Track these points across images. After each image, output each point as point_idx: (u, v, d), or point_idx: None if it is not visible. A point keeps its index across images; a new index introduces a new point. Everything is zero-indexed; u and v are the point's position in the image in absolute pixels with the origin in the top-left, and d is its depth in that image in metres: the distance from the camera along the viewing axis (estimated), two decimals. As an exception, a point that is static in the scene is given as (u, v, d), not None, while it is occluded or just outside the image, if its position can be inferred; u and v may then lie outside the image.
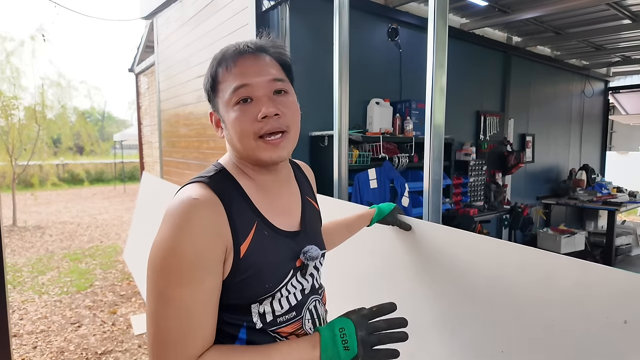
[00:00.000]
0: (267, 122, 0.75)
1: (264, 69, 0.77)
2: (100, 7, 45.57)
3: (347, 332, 0.73)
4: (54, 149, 9.60)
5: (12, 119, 7.99)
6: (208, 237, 0.69)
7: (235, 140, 0.78)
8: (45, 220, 8.44)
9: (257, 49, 0.78)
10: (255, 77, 0.75)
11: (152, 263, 0.69)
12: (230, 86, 0.76)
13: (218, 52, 0.80)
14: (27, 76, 10.79)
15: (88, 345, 3.15)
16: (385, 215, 1.35)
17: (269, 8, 2.61)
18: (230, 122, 0.77)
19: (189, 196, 0.71)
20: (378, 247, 1.55)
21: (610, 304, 0.89)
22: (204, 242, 0.69)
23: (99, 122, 25.21)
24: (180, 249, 0.67)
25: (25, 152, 8.39)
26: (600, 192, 5.28)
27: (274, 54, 0.80)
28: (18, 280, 4.71)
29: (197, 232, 0.68)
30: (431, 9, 1.55)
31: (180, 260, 0.67)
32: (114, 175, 15.70)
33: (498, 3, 3.51)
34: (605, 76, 6.30)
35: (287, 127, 0.77)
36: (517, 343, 1.08)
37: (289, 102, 0.78)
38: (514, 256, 1.08)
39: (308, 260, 0.82)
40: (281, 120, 0.76)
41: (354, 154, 2.77)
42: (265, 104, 0.75)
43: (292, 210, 0.87)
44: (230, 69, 0.76)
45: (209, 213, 0.70)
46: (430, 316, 1.36)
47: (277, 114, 0.75)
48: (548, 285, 1.00)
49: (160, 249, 0.69)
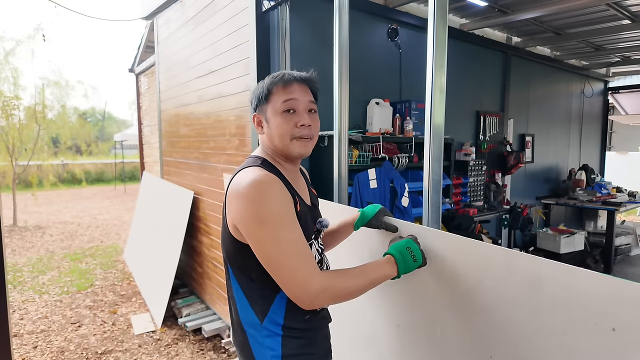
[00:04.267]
0: (302, 130, 1.08)
1: (306, 94, 1.11)
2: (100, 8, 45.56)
3: (413, 249, 1.15)
4: (54, 149, 9.60)
5: (13, 119, 7.99)
6: (286, 197, 1.01)
7: (276, 137, 1.08)
8: (45, 220, 8.45)
9: (304, 80, 1.11)
10: (300, 97, 1.08)
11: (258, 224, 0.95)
12: (281, 98, 1.07)
13: (276, 74, 1.11)
14: (26, 76, 10.80)
15: (88, 345, 3.16)
16: (369, 219, 1.36)
17: (269, 8, 2.62)
18: (275, 124, 1.08)
19: (259, 175, 0.99)
20: (367, 250, 1.55)
21: (598, 311, 0.87)
22: (286, 201, 1.00)
23: (99, 122, 25.23)
24: (276, 207, 0.97)
25: (25, 152, 8.40)
26: (600, 192, 5.28)
27: (312, 86, 1.13)
28: (18, 280, 4.72)
29: (280, 195, 0.99)
30: (431, 10, 1.55)
31: (281, 214, 0.97)
32: (115, 175, 15.71)
33: (498, 3, 3.52)
34: (605, 76, 6.30)
35: (312, 136, 1.12)
36: (505, 348, 1.08)
37: (316, 119, 1.13)
38: (502, 260, 1.07)
39: (322, 227, 1.18)
40: (310, 130, 1.10)
41: (353, 154, 2.78)
42: (303, 117, 1.08)
43: (304, 192, 1.19)
44: (285, 87, 1.08)
45: (279, 183, 1.01)
46: (418, 320, 1.36)
47: (310, 125, 1.09)
48: (536, 290, 0.99)
49: (260, 213, 0.95)
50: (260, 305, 1.07)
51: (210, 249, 3.62)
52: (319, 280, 0.95)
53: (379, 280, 1.07)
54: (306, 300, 0.96)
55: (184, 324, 3.36)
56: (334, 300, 1.01)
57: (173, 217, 3.99)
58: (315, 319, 1.14)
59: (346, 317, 1.71)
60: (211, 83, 3.39)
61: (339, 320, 1.74)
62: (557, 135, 5.56)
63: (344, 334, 1.72)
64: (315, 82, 1.14)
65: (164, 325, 3.44)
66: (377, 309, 1.55)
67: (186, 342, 3.20)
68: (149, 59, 5.77)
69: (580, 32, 4.25)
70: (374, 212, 1.36)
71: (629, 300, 0.83)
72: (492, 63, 4.43)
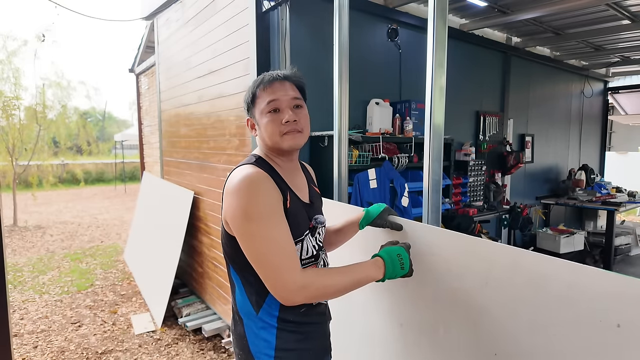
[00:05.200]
0: (288, 126, 1.11)
1: (289, 91, 1.13)
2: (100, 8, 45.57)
3: (403, 257, 1.15)
4: (54, 149, 9.60)
5: (13, 119, 8.00)
6: (274, 194, 1.04)
7: (266, 137, 1.13)
8: (45, 220, 8.45)
9: (284, 77, 1.14)
10: (282, 96, 1.11)
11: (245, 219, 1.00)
12: (265, 100, 1.11)
13: (258, 77, 1.15)
14: (27, 76, 10.79)
15: (88, 344, 3.16)
16: (374, 218, 1.38)
17: (269, 9, 2.62)
18: (263, 125, 1.12)
19: (250, 172, 1.04)
20: (371, 248, 1.55)
21: (603, 307, 0.88)
22: (273, 198, 1.04)
23: (100, 122, 25.24)
24: (263, 204, 1.01)
25: (25, 152, 8.40)
26: (600, 192, 5.29)
27: (294, 81, 1.16)
28: (19, 280, 4.72)
29: (268, 192, 1.03)
30: (431, 10, 1.56)
31: (267, 210, 1.01)
32: (115, 175, 15.72)
33: (497, 3, 3.52)
34: (605, 76, 6.31)
35: (301, 129, 1.14)
36: (509, 346, 1.08)
37: (302, 113, 1.15)
38: (506, 258, 1.07)
39: (318, 224, 1.21)
40: (298, 124, 1.12)
41: (353, 154, 2.78)
42: (287, 114, 1.11)
43: (303, 189, 1.22)
44: (266, 89, 1.12)
45: (268, 180, 1.05)
46: (422, 318, 1.36)
47: (295, 120, 1.11)
48: (541, 288, 0.99)
49: (246, 209, 1.00)
50: (256, 296, 1.11)
51: (210, 249, 3.62)
52: (300, 278, 0.99)
53: (363, 281, 1.09)
54: (285, 296, 1.00)
55: (184, 323, 3.37)
56: (315, 298, 1.05)
57: (173, 217, 3.99)
58: (311, 314, 1.17)
59: (348, 317, 1.71)
60: (211, 83, 3.40)
61: (342, 320, 1.75)
62: (557, 135, 5.56)
63: (346, 333, 1.73)
64: (298, 77, 1.17)
65: (164, 325, 3.45)
66: (379, 309, 1.56)
67: (186, 341, 3.21)
68: (149, 59, 5.78)
69: (580, 32, 4.25)
70: (378, 211, 1.38)
71: (634, 297, 0.83)
72: (491, 63, 4.43)
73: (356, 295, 1.65)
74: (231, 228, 1.05)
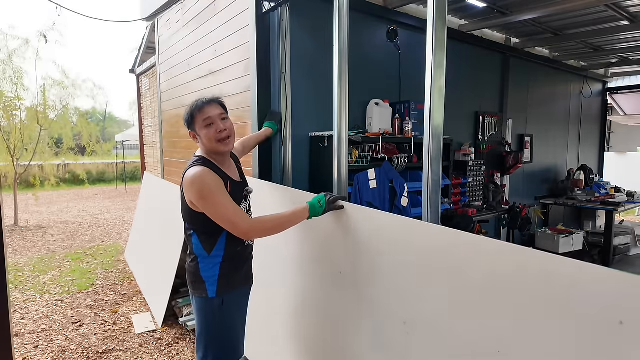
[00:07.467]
0: (221, 134, 1.67)
1: (216, 109, 1.70)
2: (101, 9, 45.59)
3: (322, 201, 1.73)
4: (55, 149, 9.60)
5: (14, 119, 8.00)
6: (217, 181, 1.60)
7: (207, 143, 1.68)
8: (46, 220, 8.46)
9: (212, 100, 1.71)
10: (212, 113, 1.68)
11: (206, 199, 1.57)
12: (202, 118, 1.67)
13: (194, 101, 1.71)
14: (29, 76, 10.76)
15: (89, 344, 3.18)
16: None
17: (269, 9, 2.64)
18: (203, 135, 1.67)
19: (199, 170, 1.59)
20: (374, 246, 1.57)
21: (606, 305, 0.88)
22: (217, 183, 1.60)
23: (101, 122, 25.25)
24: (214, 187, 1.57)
25: (26, 152, 8.41)
26: (599, 192, 5.30)
27: (218, 102, 1.73)
28: (20, 279, 4.74)
29: (213, 180, 1.59)
30: (430, 11, 1.57)
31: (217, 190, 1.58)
32: (116, 176, 15.73)
33: (497, 4, 3.53)
34: (604, 77, 6.32)
35: (230, 134, 1.70)
36: (513, 343, 1.09)
37: (228, 122, 1.72)
38: (510, 256, 1.08)
39: (248, 193, 1.83)
40: (227, 132, 1.69)
41: (353, 154, 2.79)
42: (219, 125, 1.67)
43: (234, 173, 1.82)
44: (200, 110, 1.68)
45: (211, 173, 1.61)
46: (426, 315, 1.38)
47: (225, 129, 1.68)
48: (544, 285, 1.00)
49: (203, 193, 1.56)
50: (209, 244, 1.70)
51: (210, 249, 3.63)
52: (248, 222, 1.60)
53: (294, 220, 1.68)
54: (242, 233, 1.60)
55: (185, 323, 3.38)
56: (263, 232, 1.66)
57: (173, 216, 4.00)
58: (244, 253, 1.81)
59: (349, 316, 1.72)
60: (212, 84, 3.41)
61: (345, 320, 1.76)
62: (556, 135, 5.57)
63: (348, 333, 1.74)
64: (220, 99, 1.74)
65: (164, 324, 3.46)
66: (382, 307, 1.57)
67: (187, 341, 3.22)
68: (149, 60, 5.80)
69: (579, 33, 4.27)
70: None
71: (636, 295, 0.84)
72: (491, 64, 4.45)
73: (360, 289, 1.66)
74: (197, 208, 1.60)
